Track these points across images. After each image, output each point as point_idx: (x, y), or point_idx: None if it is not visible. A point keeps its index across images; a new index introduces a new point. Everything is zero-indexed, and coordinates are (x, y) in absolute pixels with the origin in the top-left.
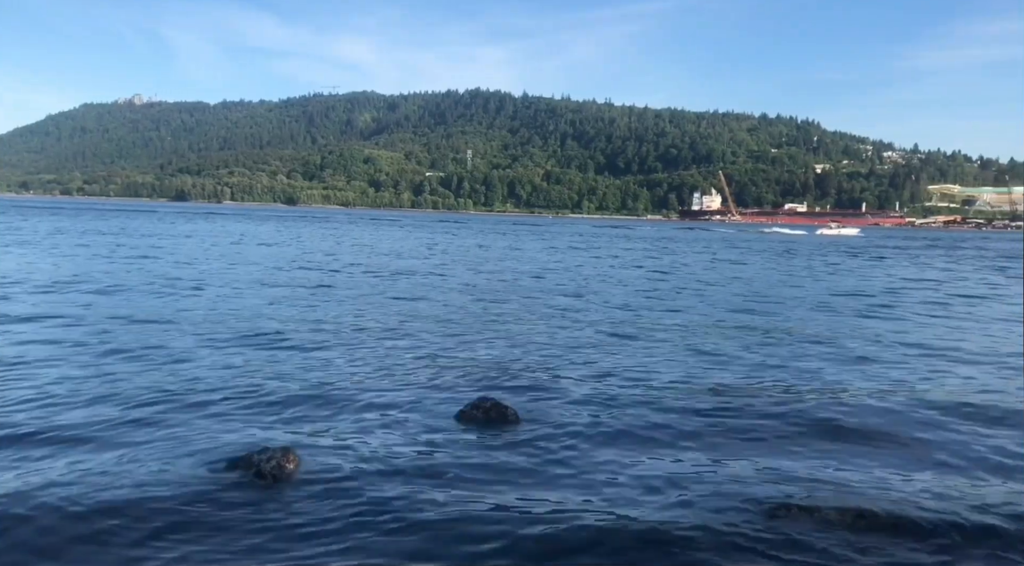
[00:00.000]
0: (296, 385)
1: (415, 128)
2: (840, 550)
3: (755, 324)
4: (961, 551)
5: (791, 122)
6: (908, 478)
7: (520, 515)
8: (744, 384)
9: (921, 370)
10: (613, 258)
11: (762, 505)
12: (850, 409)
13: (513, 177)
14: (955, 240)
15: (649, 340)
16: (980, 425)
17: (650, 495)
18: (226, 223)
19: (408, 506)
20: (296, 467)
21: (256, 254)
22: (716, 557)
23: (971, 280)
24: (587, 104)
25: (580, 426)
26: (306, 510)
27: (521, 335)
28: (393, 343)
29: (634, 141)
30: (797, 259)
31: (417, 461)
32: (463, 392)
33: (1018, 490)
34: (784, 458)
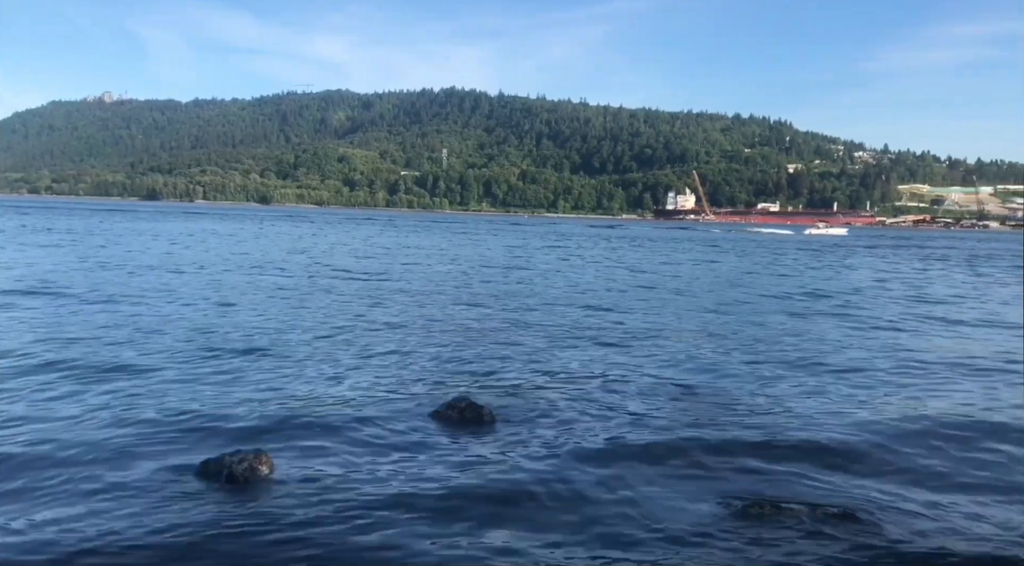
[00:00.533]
0: (269, 388)
1: (390, 127)
2: (808, 549)
3: (739, 326)
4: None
5: (764, 122)
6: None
7: (488, 515)
8: (721, 387)
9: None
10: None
11: (732, 506)
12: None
13: (489, 176)
14: (947, 240)
15: (629, 343)
16: (951, 432)
17: (616, 495)
18: (202, 222)
19: (381, 507)
20: (270, 469)
21: (226, 254)
22: (687, 557)
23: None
24: (562, 104)
25: (554, 427)
26: (278, 513)
27: (499, 336)
28: (367, 344)
29: (609, 141)
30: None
31: (391, 462)
32: (438, 392)
33: (981, 501)
34: (756, 461)
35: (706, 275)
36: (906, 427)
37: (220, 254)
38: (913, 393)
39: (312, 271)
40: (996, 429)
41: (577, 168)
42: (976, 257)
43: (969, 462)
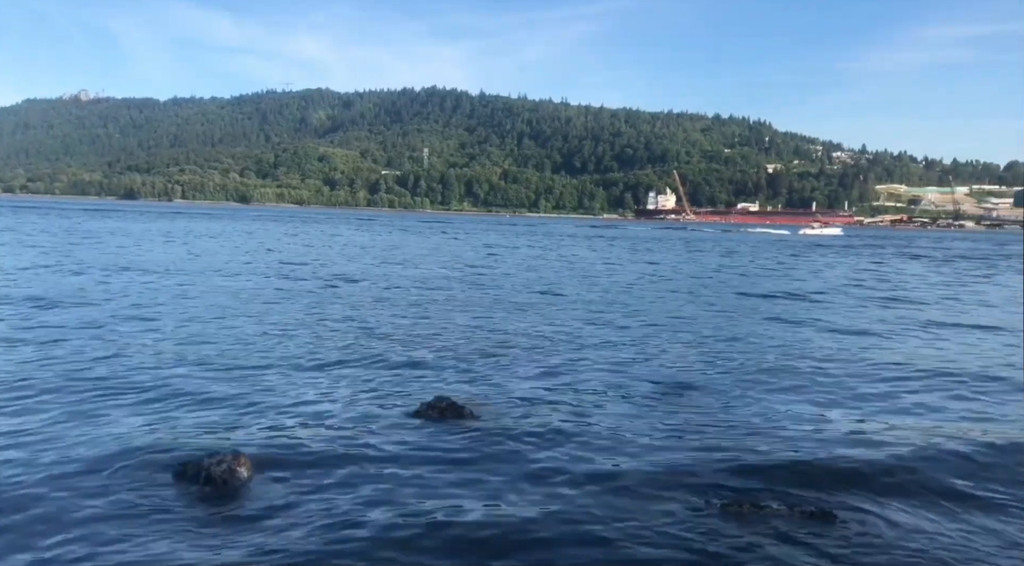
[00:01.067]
0: (247, 387)
1: (371, 126)
2: (785, 549)
3: (723, 323)
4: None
5: (743, 122)
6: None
7: (472, 514)
8: (705, 389)
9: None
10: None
11: (710, 502)
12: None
13: (470, 176)
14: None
15: (611, 339)
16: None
17: (595, 494)
18: (187, 222)
19: (361, 509)
20: (249, 471)
21: (206, 252)
22: (659, 554)
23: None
24: (544, 103)
25: (534, 424)
26: (257, 515)
27: (481, 334)
28: (348, 343)
29: (590, 141)
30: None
31: (371, 462)
32: (419, 391)
33: (961, 508)
34: (736, 462)
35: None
36: (889, 434)
37: (192, 253)
38: (899, 401)
39: (285, 271)
40: (976, 437)
41: (558, 168)
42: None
43: (946, 469)
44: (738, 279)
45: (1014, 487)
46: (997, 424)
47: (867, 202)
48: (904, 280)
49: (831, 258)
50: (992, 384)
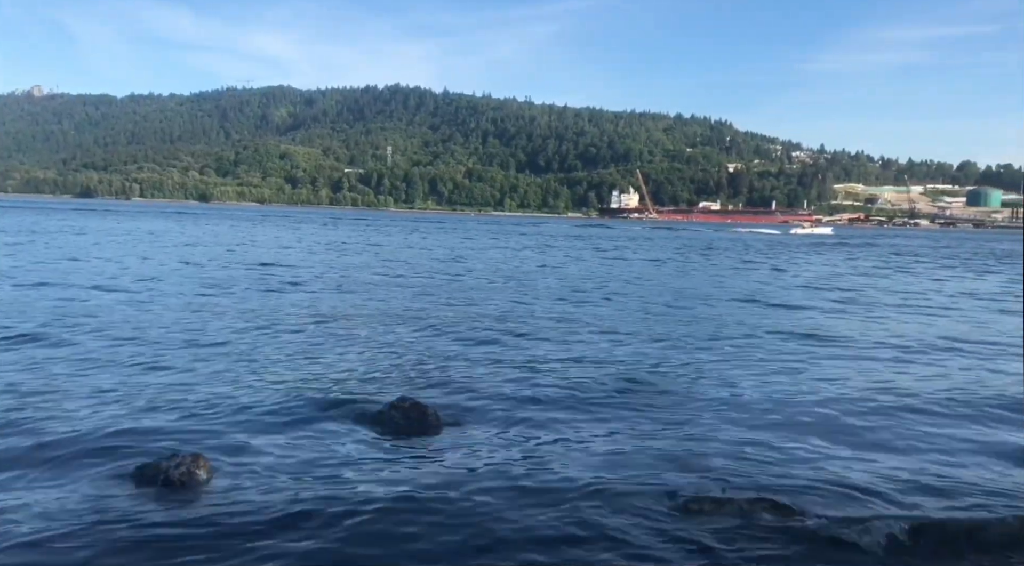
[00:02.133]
0: (207, 389)
1: (333, 124)
2: (749, 542)
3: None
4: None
5: (705, 122)
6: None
7: (433, 514)
8: (664, 379)
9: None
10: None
11: (677, 498)
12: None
13: (435, 174)
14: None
15: (575, 337)
16: (888, 412)
17: (560, 491)
18: (144, 222)
19: (323, 510)
20: (208, 474)
21: (162, 252)
22: (629, 552)
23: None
24: (508, 102)
25: (498, 424)
26: (217, 518)
27: (445, 333)
28: (308, 343)
29: (554, 140)
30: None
31: (333, 464)
32: (382, 392)
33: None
34: (699, 450)
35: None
36: (842, 414)
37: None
38: (856, 380)
39: (247, 269)
40: (924, 409)
41: (523, 166)
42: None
43: (902, 441)
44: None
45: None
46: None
47: (826, 201)
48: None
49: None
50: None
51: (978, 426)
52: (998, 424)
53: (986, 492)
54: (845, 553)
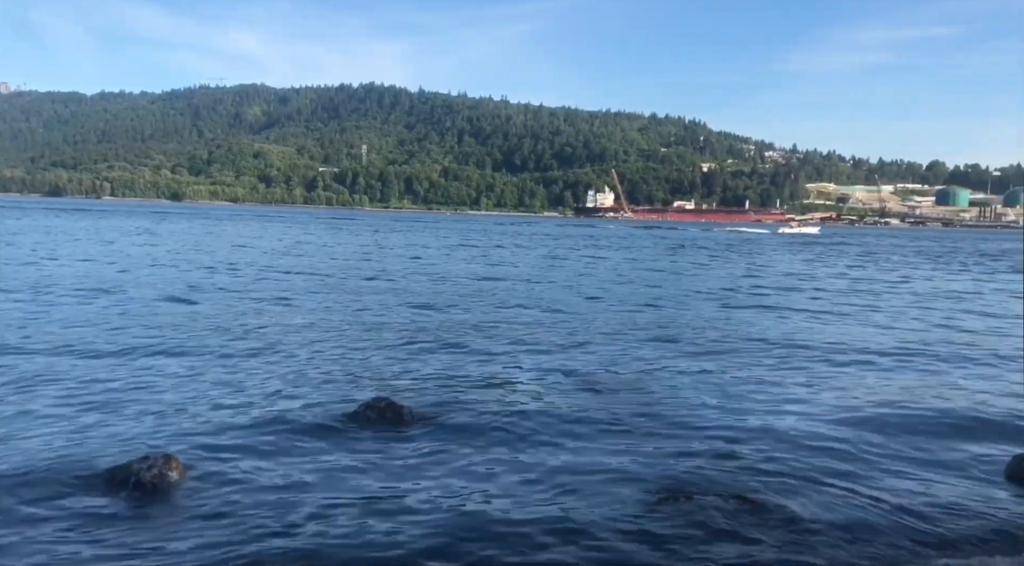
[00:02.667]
0: (181, 390)
1: (307, 122)
2: (725, 540)
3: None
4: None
5: (679, 122)
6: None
7: (408, 513)
8: (633, 378)
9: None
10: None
11: (647, 496)
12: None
13: (410, 173)
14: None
15: (545, 339)
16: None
17: (535, 491)
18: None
19: (296, 511)
20: (180, 475)
21: (132, 252)
22: (599, 550)
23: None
24: (484, 101)
25: (473, 425)
26: (188, 520)
27: (421, 335)
28: (283, 344)
29: (530, 139)
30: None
31: (307, 465)
32: (357, 392)
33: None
34: (666, 448)
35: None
36: (818, 419)
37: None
38: (829, 383)
39: (218, 270)
40: (905, 419)
41: (499, 166)
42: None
43: (876, 451)
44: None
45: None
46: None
47: (798, 200)
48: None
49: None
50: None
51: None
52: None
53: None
54: (815, 549)
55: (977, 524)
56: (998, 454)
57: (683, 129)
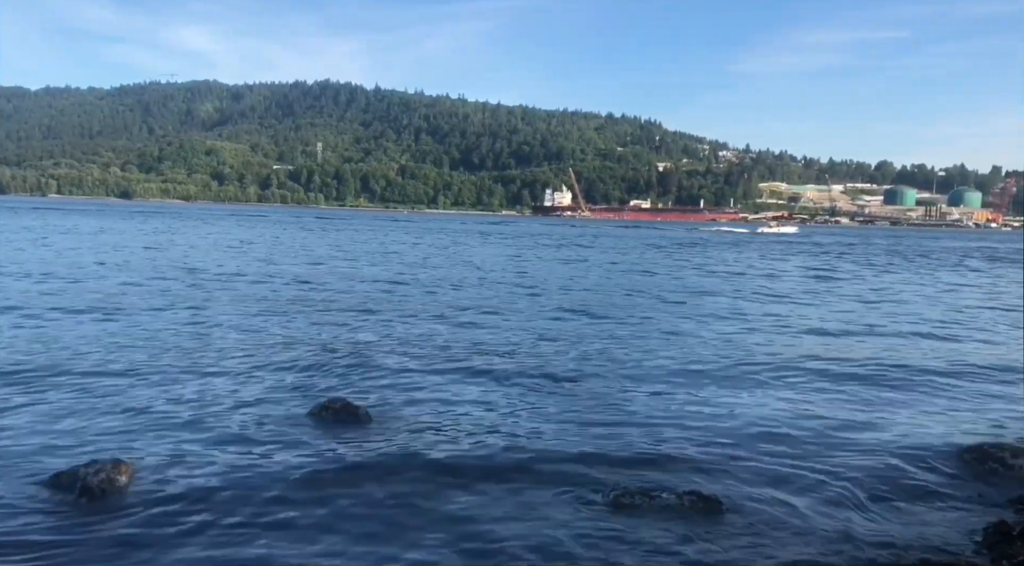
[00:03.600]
0: (129, 392)
1: (261, 120)
2: (676, 536)
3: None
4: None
5: (635, 122)
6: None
7: (362, 507)
8: (594, 387)
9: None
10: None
11: (602, 494)
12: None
13: (367, 171)
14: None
15: (502, 333)
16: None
17: (492, 490)
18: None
19: (249, 514)
20: (129, 479)
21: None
22: (550, 547)
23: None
24: (441, 99)
25: (429, 422)
26: (137, 527)
27: (376, 333)
28: (236, 344)
29: (488, 137)
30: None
31: (260, 467)
32: (313, 393)
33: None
34: (621, 446)
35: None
36: (765, 422)
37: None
38: (779, 391)
39: (161, 272)
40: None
41: (457, 164)
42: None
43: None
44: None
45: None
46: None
47: (751, 199)
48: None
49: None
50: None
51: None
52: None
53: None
54: (772, 544)
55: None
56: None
57: (639, 129)
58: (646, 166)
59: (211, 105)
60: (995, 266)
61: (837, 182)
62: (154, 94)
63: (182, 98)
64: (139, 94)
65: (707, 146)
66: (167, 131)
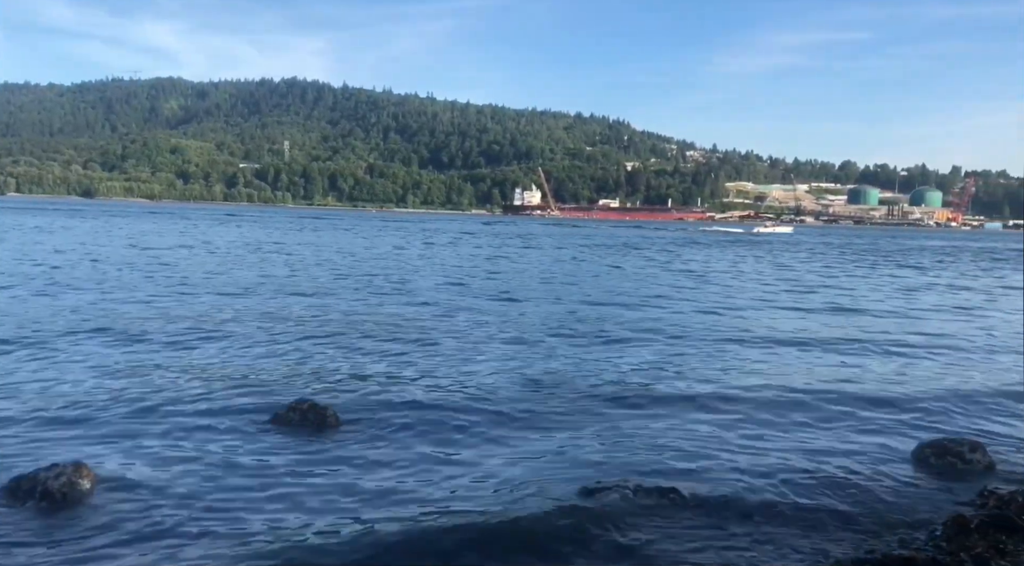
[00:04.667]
0: (94, 394)
1: (227, 117)
2: (651, 532)
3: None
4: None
5: (604, 121)
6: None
7: (329, 517)
8: (560, 378)
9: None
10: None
11: (576, 491)
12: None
13: (334, 170)
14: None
15: (469, 338)
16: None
17: (461, 490)
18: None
19: (215, 518)
20: (92, 483)
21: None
22: (527, 548)
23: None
24: (409, 98)
25: (398, 426)
26: (99, 531)
27: (343, 336)
28: (204, 344)
29: (457, 136)
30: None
31: (226, 469)
32: (280, 394)
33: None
34: (595, 444)
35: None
36: (727, 405)
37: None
38: (741, 373)
39: (153, 265)
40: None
41: (425, 163)
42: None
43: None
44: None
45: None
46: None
47: (718, 199)
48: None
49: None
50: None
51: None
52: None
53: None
54: (740, 538)
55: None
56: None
57: (607, 128)
58: (615, 166)
59: (176, 102)
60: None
61: (802, 182)
62: (117, 91)
63: (146, 95)
64: (101, 91)
65: (675, 146)
66: (130, 129)
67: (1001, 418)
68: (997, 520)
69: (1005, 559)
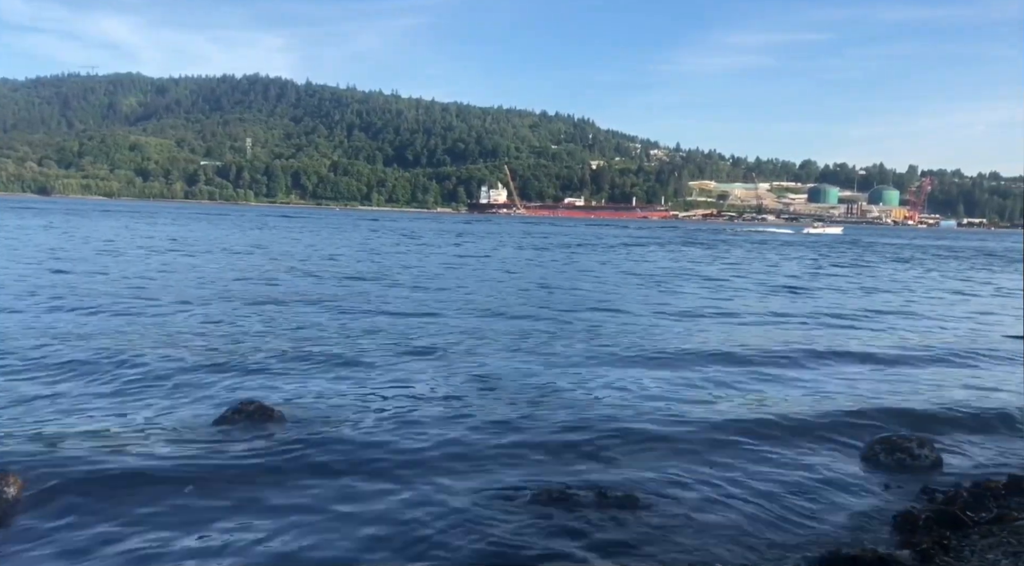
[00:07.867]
0: (21, 394)
1: (187, 114)
2: (599, 533)
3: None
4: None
5: (568, 120)
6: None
7: (264, 532)
8: (519, 383)
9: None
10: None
11: (519, 494)
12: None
13: (298, 167)
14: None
15: (430, 337)
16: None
17: (410, 490)
18: None
19: (148, 525)
20: (18, 490)
21: None
22: (465, 548)
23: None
24: (374, 95)
25: (346, 426)
26: (27, 541)
27: (294, 334)
28: (129, 349)
29: (422, 134)
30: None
31: (162, 476)
32: (226, 395)
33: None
34: (544, 454)
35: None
36: (692, 419)
37: None
38: (707, 387)
39: (93, 266)
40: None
41: (390, 160)
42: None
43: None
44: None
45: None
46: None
47: (682, 197)
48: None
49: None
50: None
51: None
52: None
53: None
54: (680, 542)
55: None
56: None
57: (572, 127)
58: (580, 164)
59: (134, 99)
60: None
61: (764, 180)
62: (73, 87)
63: (103, 91)
64: (57, 86)
65: (639, 145)
66: (88, 125)
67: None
68: (942, 516)
69: (949, 555)
